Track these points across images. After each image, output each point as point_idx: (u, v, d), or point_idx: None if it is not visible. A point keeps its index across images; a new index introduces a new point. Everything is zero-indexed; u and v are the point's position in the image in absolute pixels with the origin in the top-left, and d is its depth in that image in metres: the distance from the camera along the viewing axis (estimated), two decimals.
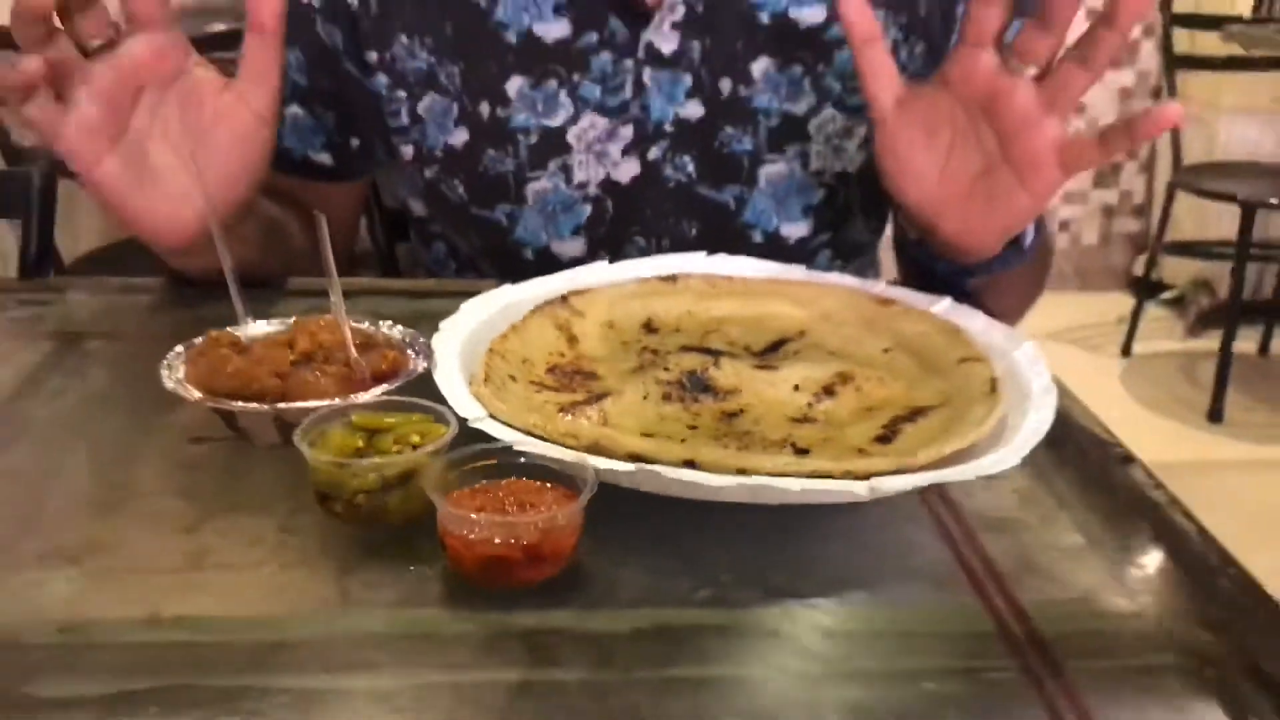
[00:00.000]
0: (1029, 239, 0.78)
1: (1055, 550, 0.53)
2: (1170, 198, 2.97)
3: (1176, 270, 3.24)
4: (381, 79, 0.88)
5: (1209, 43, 2.83)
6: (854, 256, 0.99)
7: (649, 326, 0.73)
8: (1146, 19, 0.66)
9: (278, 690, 0.43)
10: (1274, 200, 2.72)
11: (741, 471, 0.52)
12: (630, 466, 0.51)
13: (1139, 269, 3.26)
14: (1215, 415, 2.69)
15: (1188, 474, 2.56)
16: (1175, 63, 2.91)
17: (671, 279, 0.76)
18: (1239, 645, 0.46)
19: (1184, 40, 2.92)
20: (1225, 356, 2.68)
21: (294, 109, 0.90)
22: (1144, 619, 0.48)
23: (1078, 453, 0.62)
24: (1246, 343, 3.09)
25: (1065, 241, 3.52)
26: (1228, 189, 2.71)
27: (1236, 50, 2.70)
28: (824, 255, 0.95)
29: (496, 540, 0.48)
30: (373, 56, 0.88)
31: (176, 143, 0.72)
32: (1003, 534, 0.54)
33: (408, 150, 0.90)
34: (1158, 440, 2.65)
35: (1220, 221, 2.95)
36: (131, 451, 0.59)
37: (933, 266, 0.80)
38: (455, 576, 0.49)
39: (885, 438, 0.59)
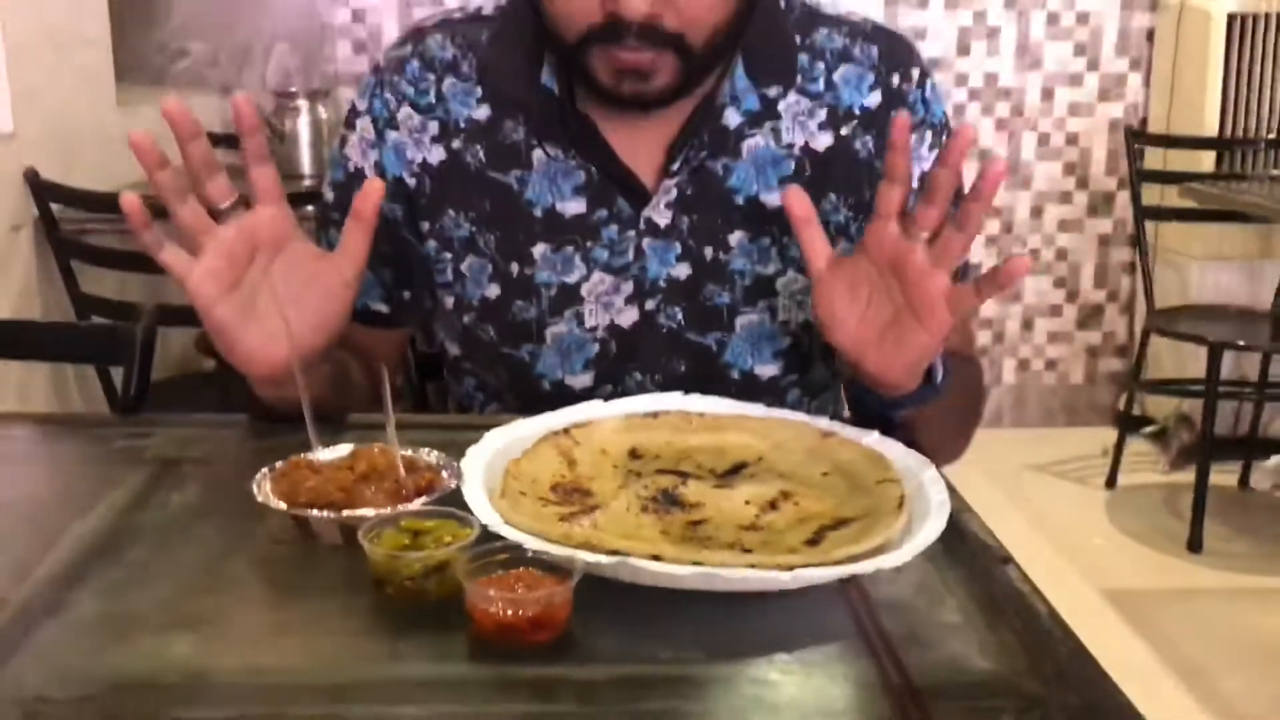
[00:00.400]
0: (939, 378, 0.95)
1: (937, 625, 0.69)
2: (1146, 339, 3.16)
3: (1161, 406, 3.40)
4: (432, 244, 1.07)
5: (1177, 195, 3.06)
6: (819, 393, 1.15)
7: (634, 453, 0.90)
8: (998, 185, 0.84)
9: (347, 718, 0.59)
10: (1241, 342, 2.91)
11: (696, 564, 0.68)
12: (610, 559, 0.68)
13: (1124, 405, 3.42)
14: (1195, 545, 2.82)
15: (1169, 601, 2.71)
16: (1145, 214, 3.13)
17: (654, 415, 0.93)
18: (1063, 693, 0.62)
19: (1155, 193, 3.15)
20: (1201, 489, 2.81)
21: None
22: (995, 674, 0.64)
23: (968, 554, 0.78)
24: (1227, 476, 3.23)
25: (1053, 379, 3.70)
26: (1198, 331, 2.90)
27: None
28: (794, 393, 1.12)
29: (509, 613, 0.65)
30: (425, 226, 1.07)
31: (278, 295, 0.90)
32: (898, 613, 0.70)
33: (449, 300, 1.09)
34: (1140, 569, 2.78)
35: (1197, 360, 3.13)
36: (227, 550, 0.76)
37: (864, 400, 0.97)
38: (478, 639, 0.66)
39: (813, 541, 0.75)
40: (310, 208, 2.19)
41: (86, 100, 2.56)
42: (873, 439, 0.89)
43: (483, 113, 1.05)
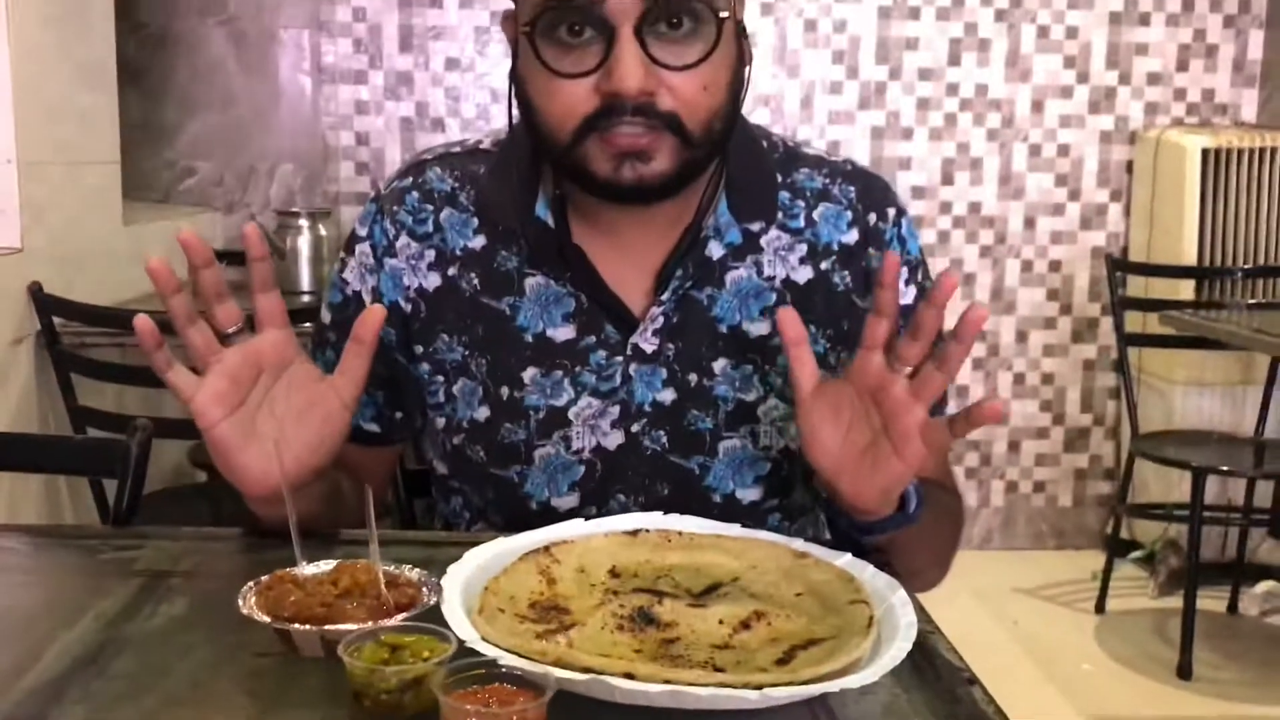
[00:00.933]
0: (912, 507, 0.98)
1: None
2: (1131, 463, 3.19)
3: (1149, 530, 3.41)
4: (425, 366, 1.11)
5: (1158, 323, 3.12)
6: (799, 516, 1.18)
7: (613, 572, 0.92)
8: (978, 329, 0.88)
9: None
10: (1224, 467, 2.94)
11: (667, 682, 0.70)
12: (583, 676, 0.70)
13: (1111, 529, 3.43)
14: (1184, 672, 2.81)
15: None
16: (1127, 340, 3.19)
17: (633, 534, 0.96)
18: None
19: (1138, 320, 3.22)
20: (1189, 615, 2.81)
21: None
22: None
23: (935, 675, 0.80)
24: (1216, 601, 3.23)
25: (1041, 502, 3.72)
26: (1182, 456, 2.93)
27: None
28: (774, 516, 1.14)
29: None
30: (419, 350, 1.11)
31: (279, 416, 0.93)
32: None
33: (440, 421, 1.12)
34: (1129, 696, 2.76)
35: (1183, 485, 3.15)
36: (212, 662, 0.78)
37: (839, 522, 1.00)
38: None
39: (784, 660, 0.78)
40: (309, 324, 2.25)
41: (94, 217, 2.63)
42: (845, 560, 0.92)
43: (478, 242, 1.10)
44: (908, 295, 1.12)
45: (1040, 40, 3.53)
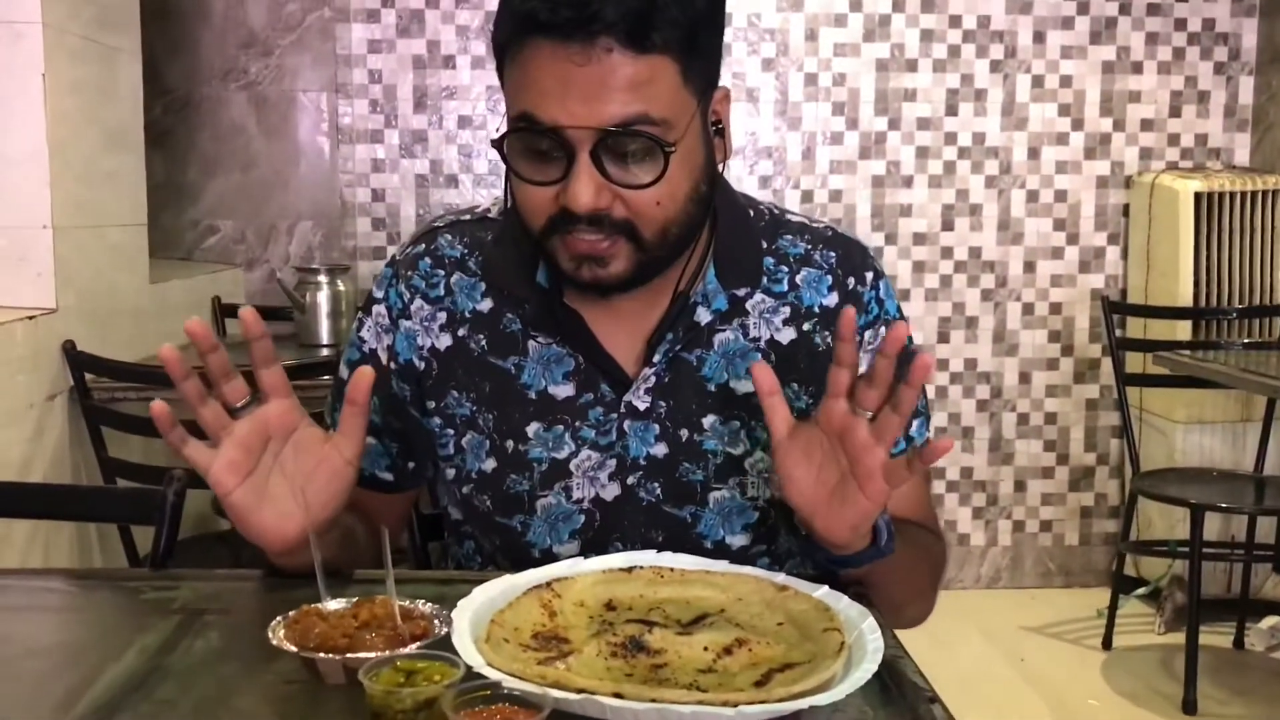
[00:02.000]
0: (883, 541, 1.05)
1: None
2: (1134, 501, 3.25)
3: (1155, 567, 3.46)
4: (436, 420, 1.19)
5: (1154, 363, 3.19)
6: (786, 560, 1.25)
7: (610, 605, 1.00)
8: (928, 381, 0.96)
9: None
10: (1224, 504, 2.99)
11: (653, 700, 0.79)
12: (577, 696, 0.78)
13: (1116, 566, 3.47)
14: (1189, 707, 2.84)
15: None
16: (1127, 380, 3.26)
17: (628, 570, 1.04)
18: None
19: (1138, 360, 3.29)
20: (1192, 651, 2.85)
21: (369, 440, 1.19)
22: None
23: (900, 693, 0.87)
24: (1222, 637, 3.27)
25: (1048, 541, 3.77)
26: (1182, 494, 2.98)
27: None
28: (762, 561, 1.20)
29: None
30: (431, 405, 1.19)
31: (289, 477, 1.02)
32: None
33: (450, 472, 1.20)
34: None
35: (1186, 521, 3.21)
36: (244, 689, 0.87)
37: (815, 556, 1.07)
38: None
39: (761, 682, 0.86)
40: (327, 377, 2.35)
41: (122, 276, 2.74)
42: (822, 591, 1.00)
43: (485, 305, 1.19)
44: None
45: (1035, 89, 3.64)
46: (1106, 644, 3.25)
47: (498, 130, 1.06)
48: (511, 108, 1.04)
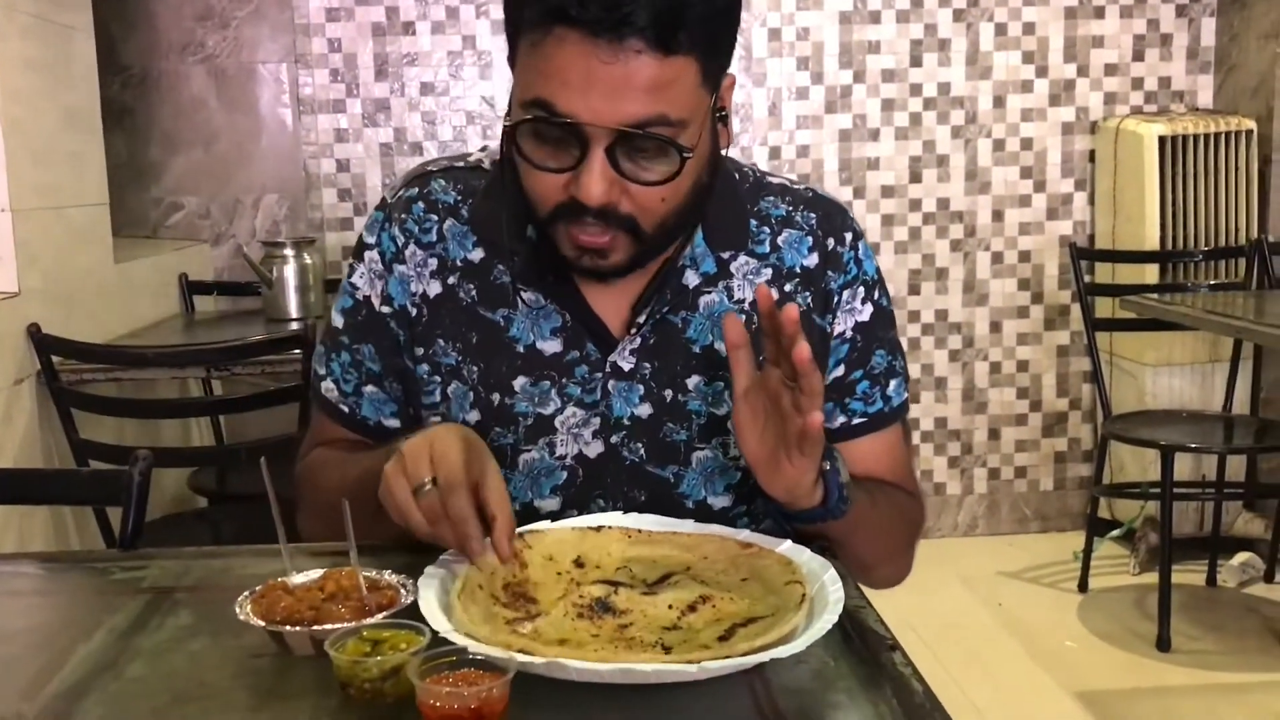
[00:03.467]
0: (831, 501, 1.05)
1: (826, 705, 0.80)
2: (1105, 445, 3.29)
3: (1130, 509, 3.50)
4: (424, 367, 1.18)
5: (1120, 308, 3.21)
6: (765, 520, 1.25)
7: (578, 562, 1.01)
8: (795, 328, 0.98)
9: None
10: (1194, 444, 3.03)
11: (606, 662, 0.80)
12: (541, 660, 0.79)
13: (1090, 510, 3.52)
14: (1163, 645, 2.90)
15: (1140, 700, 2.78)
16: (1096, 325, 3.29)
17: (598, 529, 1.05)
18: None
19: (1107, 305, 3.31)
20: (1165, 590, 2.90)
21: (370, 388, 1.19)
22: None
23: (861, 643, 0.89)
24: (1195, 575, 3.32)
25: (1023, 487, 3.81)
26: (1152, 436, 3.02)
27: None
28: (743, 521, 1.20)
29: (455, 706, 0.76)
30: (420, 351, 1.18)
31: None
32: (793, 696, 0.81)
33: (436, 420, 1.19)
34: (1110, 670, 2.85)
35: (1158, 463, 3.25)
36: (214, 663, 0.88)
37: (770, 512, 1.10)
38: None
39: (724, 637, 0.87)
40: (297, 351, 2.35)
41: (85, 257, 2.72)
42: (785, 546, 1.01)
43: (477, 254, 1.18)
44: (864, 313, 1.21)
45: (999, 37, 3.63)
46: (1082, 586, 3.30)
47: (507, 113, 1.05)
48: (526, 90, 1.02)
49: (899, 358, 1.25)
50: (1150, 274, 3.40)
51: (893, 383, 1.23)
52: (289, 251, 3.01)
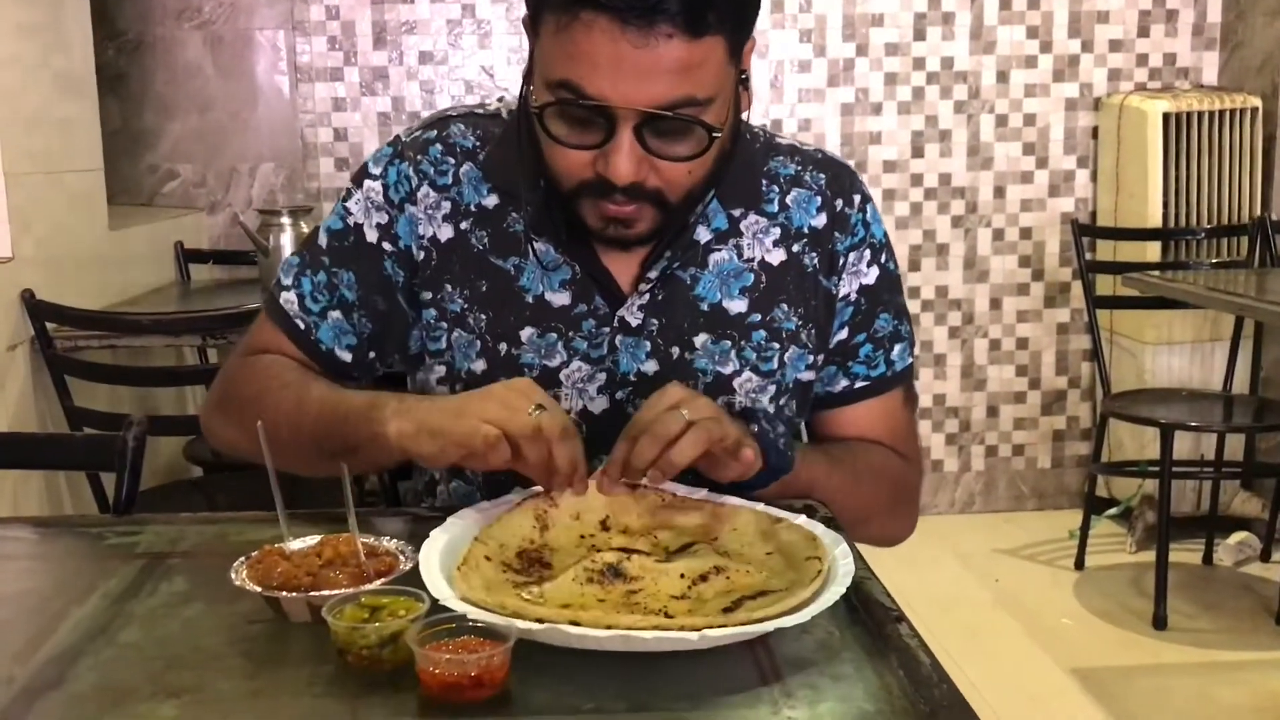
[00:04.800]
0: (771, 459, 1.05)
1: (831, 675, 0.79)
2: (1104, 423, 3.28)
3: (1127, 487, 3.50)
4: (431, 311, 1.17)
5: (1122, 285, 3.19)
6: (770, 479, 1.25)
7: (604, 524, 1.00)
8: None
9: None
10: (1193, 423, 3.02)
11: (610, 628, 0.78)
12: (540, 626, 0.78)
13: (1088, 488, 3.51)
14: (1159, 623, 2.90)
15: (1135, 677, 2.78)
16: (1097, 303, 3.28)
17: (632, 488, 1.02)
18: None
19: (1108, 282, 3.29)
20: (1162, 568, 2.90)
21: (336, 314, 1.17)
22: (876, 715, 0.74)
23: (867, 613, 0.88)
24: (1191, 553, 3.32)
25: (1021, 465, 3.80)
26: (1152, 414, 3.01)
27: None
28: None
29: (455, 673, 0.74)
30: (426, 296, 1.17)
31: None
32: (798, 666, 0.80)
33: (440, 369, 1.17)
34: (1106, 648, 2.85)
35: (1157, 442, 3.24)
36: (209, 629, 0.86)
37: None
38: (427, 698, 0.75)
39: (730, 609, 0.86)
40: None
41: (80, 224, 2.69)
42: (803, 519, 0.99)
43: (491, 201, 1.17)
44: (869, 276, 1.21)
45: (1003, 12, 3.60)
46: (1079, 564, 3.29)
47: (529, 90, 1.05)
48: (552, 70, 1.01)
49: (905, 322, 1.24)
50: (1152, 251, 3.38)
51: (897, 347, 1.23)
52: (285, 220, 2.98)
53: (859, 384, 1.22)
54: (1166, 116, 3.37)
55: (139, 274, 3.03)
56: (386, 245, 1.17)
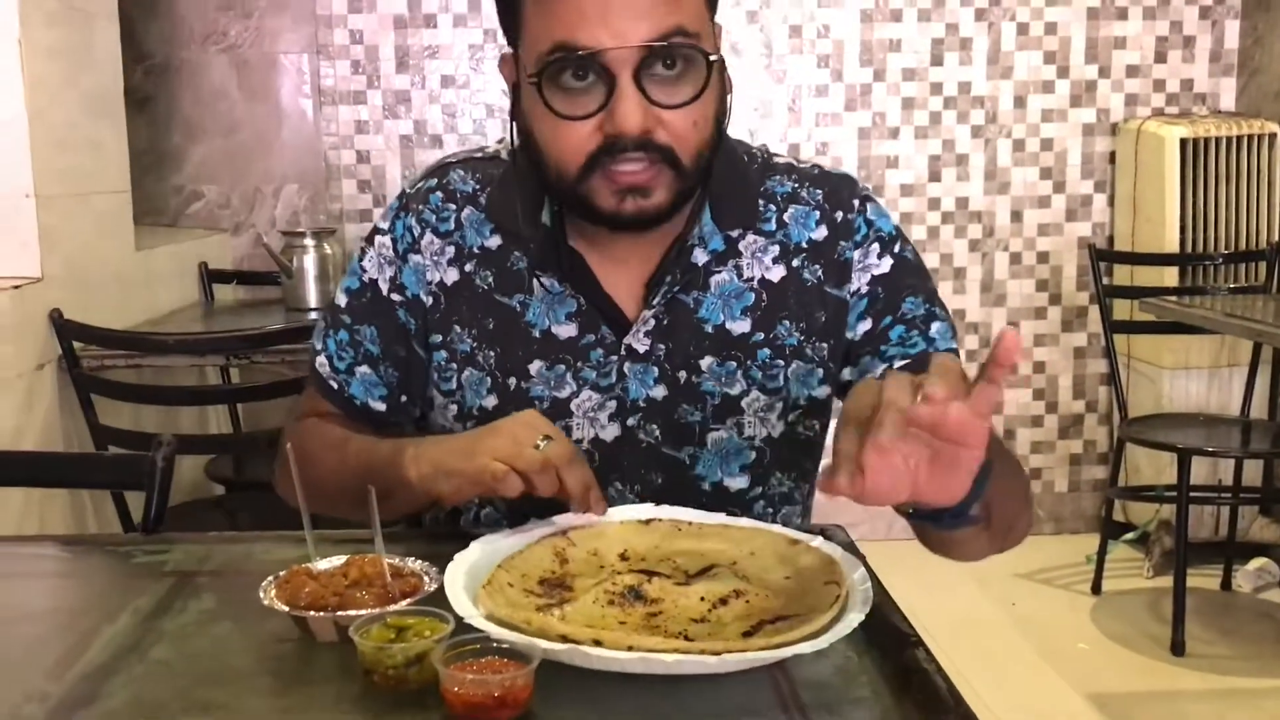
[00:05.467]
0: (974, 508, 0.90)
1: (849, 700, 0.80)
2: (1121, 447, 3.28)
3: (1144, 512, 3.49)
4: (442, 354, 1.20)
5: (1139, 310, 3.20)
6: (781, 505, 1.24)
7: (623, 555, 1.01)
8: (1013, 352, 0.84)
9: None
10: (1211, 448, 3.02)
11: (630, 649, 0.80)
12: (562, 646, 0.79)
13: (1104, 512, 3.50)
14: (1177, 649, 2.88)
15: (1152, 704, 2.77)
16: (1114, 327, 3.28)
17: (647, 522, 1.04)
18: None
19: (1125, 307, 3.30)
20: (1180, 594, 2.89)
21: (364, 369, 1.21)
22: None
23: (884, 638, 0.89)
24: (1209, 579, 3.31)
25: (1037, 488, 3.79)
26: (1169, 439, 3.01)
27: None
28: (759, 504, 1.22)
29: (478, 693, 0.76)
30: (437, 339, 1.19)
31: None
32: (816, 691, 0.81)
33: (453, 409, 1.20)
34: (1123, 673, 2.84)
35: (1174, 466, 3.23)
36: (238, 647, 0.88)
37: (936, 519, 0.93)
38: (451, 717, 0.77)
39: (749, 633, 0.87)
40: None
41: (107, 244, 2.73)
42: (819, 542, 1.00)
43: (494, 241, 1.19)
44: (882, 267, 1.20)
45: (1020, 37, 3.62)
46: (1096, 589, 3.28)
47: (528, 72, 1.06)
48: (542, 40, 1.04)
49: (938, 306, 1.20)
50: (1169, 276, 3.39)
51: (935, 325, 1.18)
52: (309, 241, 3.02)
53: (898, 363, 1.17)
54: (1184, 142, 3.38)
55: (164, 294, 3.07)
56: (396, 296, 1.21)
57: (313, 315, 2.94)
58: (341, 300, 1.24)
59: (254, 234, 3.52)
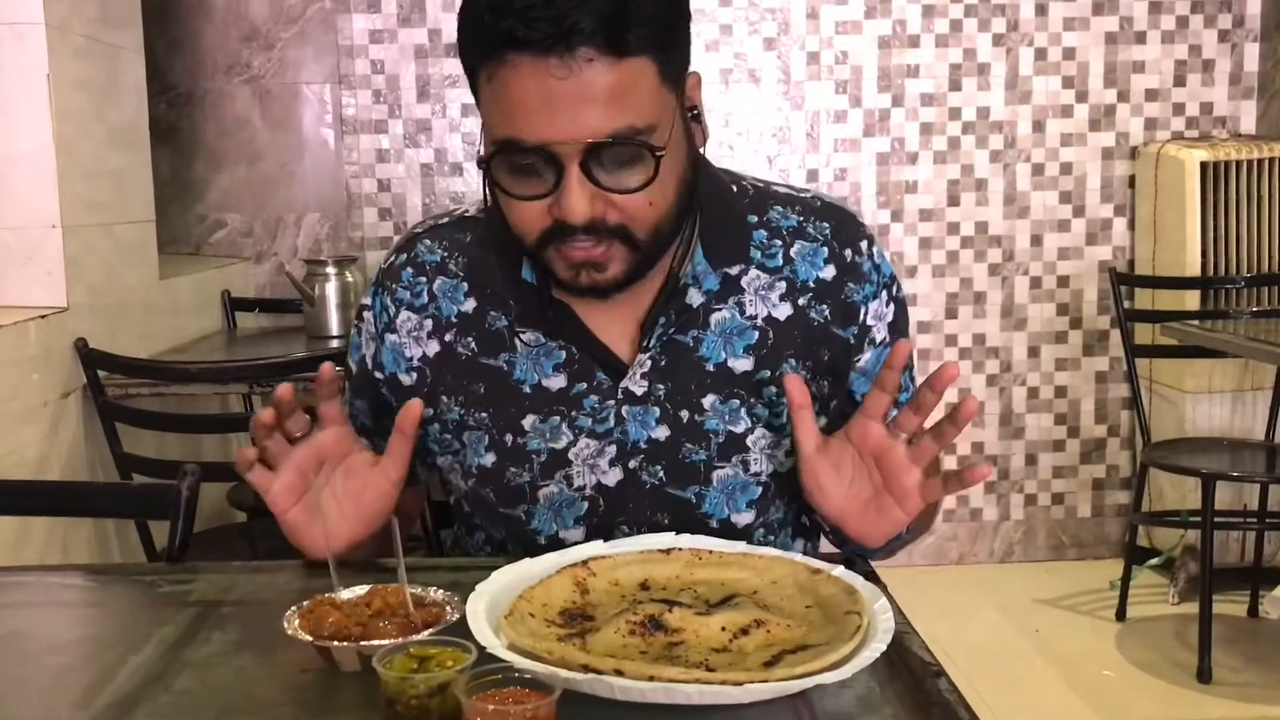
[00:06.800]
0: (904, 535, 1.10)
1: None
2: (1144, 472, 3.26)
3: (1169, 537, 3.46)
4: (435, 426, 1.21)
5: (1160, 334, 3.18)
6: (779, 530, 1.25)
7: (644, 585, 1.01)
8: (969, 419, 0.99)
9: None
10: (1235, 473, 2.99)
11: (652, 679, 0.80)
12: (584, 676, 0.80)
13: (1128, 537, 3.48)
14: (1203, 676, 2.85)
15: None
16: (1136, 351, 3.27)
17: (667, 551, 1.05)
18: None
19: (1147, 331, 3.28)
20: (1206, 620, 2.86)
21: (363, 440, 1.20)
22: None
23: (906, 668, 0.89)
24: (1236, 605, 3.28)
25: (1061, 514, 3.77)
26: (1191, 464, 2.99)
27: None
28: (759, 533, 1.22)
29: None
30: (428, 413, 1.20)
31: (338, 498, 1.10)
32: None
33: (456, 468, 1.22)
34: (1149, 700, 2.81)
35: (1198, 491, 3.21)
36: (261, 678, 0.89)
37: (845, 546, 1.13)
38: None
39: (770, 663, 0.87)
40: (339, 368, 2.36)
41: (131, 273, 2.76)
42: (838, 572, 1.00)
43: (469, 305, 1.20)
44: (890, 314, 1.23)
45: (1039, 62, 3.62)
46: (1120, 615, 3.26)
47: (479, 149, 1.07)
48: (496, 128, 1.04)
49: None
50: (1191, 300, 3.37)
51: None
52: (331, 269, 3.04)
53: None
54: (1204, 165, 3.37)
55: (187, 322, 3.09)
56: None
57: (334, 343, 2.96)
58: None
59: (276, 262, 3.54)
